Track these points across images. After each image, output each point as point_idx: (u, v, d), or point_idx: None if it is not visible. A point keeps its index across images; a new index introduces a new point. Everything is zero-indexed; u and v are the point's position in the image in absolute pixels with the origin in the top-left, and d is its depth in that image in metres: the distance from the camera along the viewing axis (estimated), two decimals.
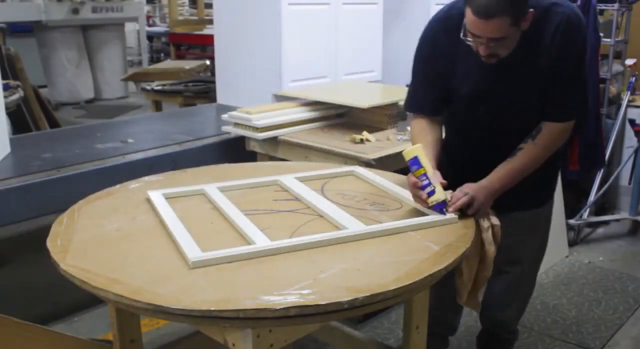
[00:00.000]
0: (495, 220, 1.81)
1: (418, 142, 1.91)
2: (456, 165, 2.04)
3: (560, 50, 1.82)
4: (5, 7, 7.15)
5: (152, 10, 13.02)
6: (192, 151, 3.01)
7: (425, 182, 1.73)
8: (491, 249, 1.79)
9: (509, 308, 2.30)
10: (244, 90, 3.68)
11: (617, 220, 4.03)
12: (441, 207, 1.74)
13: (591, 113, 3.72)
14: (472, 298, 1.88)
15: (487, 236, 1.78)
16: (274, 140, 2.95)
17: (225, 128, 3.08)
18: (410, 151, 1.76)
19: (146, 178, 2.14)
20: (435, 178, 1.76)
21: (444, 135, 2.09)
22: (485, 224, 1.79)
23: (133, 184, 2.07)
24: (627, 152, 4.04)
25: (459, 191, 1.79)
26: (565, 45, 1.82)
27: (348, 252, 1.55)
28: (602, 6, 3.83)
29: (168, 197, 1.88)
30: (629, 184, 4.05)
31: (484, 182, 1.83)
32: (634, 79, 4.01)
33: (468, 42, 1.77)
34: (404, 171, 2.24)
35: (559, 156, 2.10)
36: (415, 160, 1.74)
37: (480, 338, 2.46)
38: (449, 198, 1.75)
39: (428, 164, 1.76)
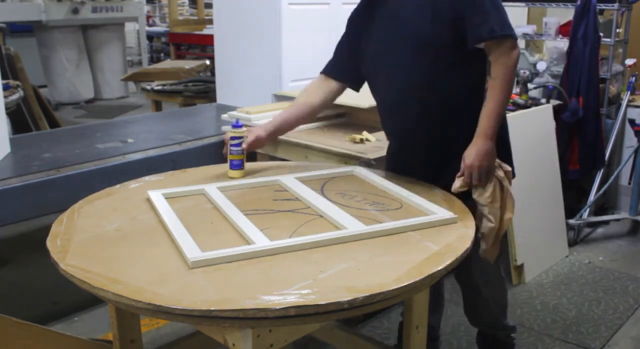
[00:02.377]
0: (505, 166, 1.96)
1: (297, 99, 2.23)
2: (407, 149, 2.14)
3: None
4: (5, 7, 7.15)
5: (152, 10, 13.03)
6: (192, 151, 3.01)
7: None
8: (509, 192, 1.92)
9: (486, 306, 2.33)
10: (244, 90, 3.69)
11: (617, 220, 4.03)
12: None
13: (591, 113, 3.72)
14: (493, 246, 1.96)
15: (506, 183, 1.93)
16: (273, 140, 2.94)
17: (225, 128, 3.08)
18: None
19: (146, 178, 2.14)
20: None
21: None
22: (500, 173, 1.92)
23: (133, 184, 2.07)
24: (627, 152, 4.04)
25: (462, 166, 1.89)
26: None
27: (348, 252, 1.55)
28: (602, 6, 3.83)
29: (168, 197, 1.88)
30: (629, 184, 4.04)
31: (476, 140, 1.90)
32: (633, 79, 4.01)
33: None
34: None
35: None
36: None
37: (478, 340, 2.48)
38: None
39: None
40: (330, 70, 2.20)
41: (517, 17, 5.22)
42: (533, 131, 3.40)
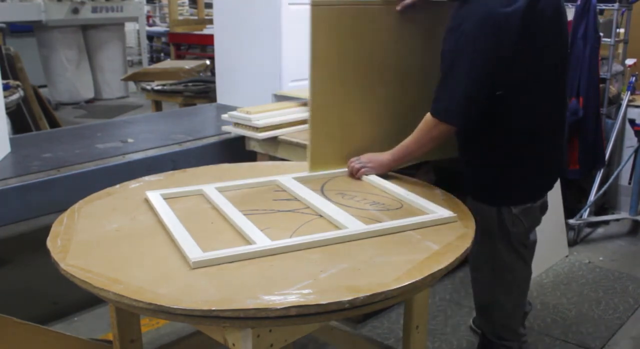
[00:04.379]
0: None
1: None
2: None
3: (443, 41, 1.97)
4: (5, 7, 7.14)
5: (152, 10, 13.02)
6: (192, 151, 3.01)
7: None
8: None
9: (482, 311, 2.40)
10: (244, 90, 3.68)
11: (617, 220, 4.03)
12: None
13: (591, 113, 3.72)
14: None
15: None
16: (274, 140, 2.95)
17: (225, 128, 3.08)
18: None
19: (146, 178, 2.14)
20: None
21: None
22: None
23: (133, 184, 2.07)
24: (627, 152, 4.03)
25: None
26: (445, 35, 1.97)
27: (348, 252, 1.55)
28: (602, 6, 3.83)
29: (166, 198, 1.88)
30: (629, 184, 4.04)
31: (387, 152, 2.14)
32: (634, 79, 4.00)
33: None
34: (403, 170, 2.25)
35: (516, 163, 2.09)
36: None
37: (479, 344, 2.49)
38: None
39: None
40: None
41: None
42: None
